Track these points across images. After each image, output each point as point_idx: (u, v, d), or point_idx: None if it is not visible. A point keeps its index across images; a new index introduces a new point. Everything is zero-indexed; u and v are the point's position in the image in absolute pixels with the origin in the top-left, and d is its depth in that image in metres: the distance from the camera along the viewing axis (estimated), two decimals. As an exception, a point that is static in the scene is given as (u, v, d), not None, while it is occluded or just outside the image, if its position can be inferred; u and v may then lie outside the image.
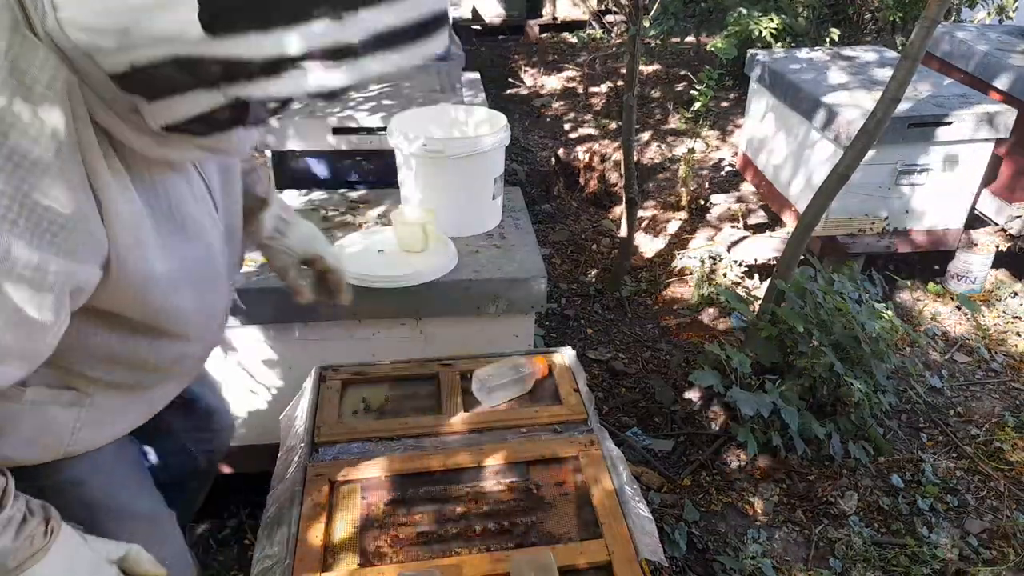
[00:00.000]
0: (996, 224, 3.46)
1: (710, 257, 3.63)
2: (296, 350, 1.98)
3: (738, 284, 3.52)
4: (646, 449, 2.59)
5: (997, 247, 3.38)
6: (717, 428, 2.66)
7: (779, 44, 4.88)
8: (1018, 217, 3.33)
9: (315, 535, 1.23)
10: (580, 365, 1.72)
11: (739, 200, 3.98)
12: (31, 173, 0.73)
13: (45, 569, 0.91)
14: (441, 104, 2.59)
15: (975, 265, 3.37)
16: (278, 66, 0.69)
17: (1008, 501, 2.42)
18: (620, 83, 5.93)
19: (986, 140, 3.10)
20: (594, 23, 7.30)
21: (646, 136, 5.12)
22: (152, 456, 1.48)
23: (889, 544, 2.26)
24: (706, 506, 2.38)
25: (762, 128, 3.80)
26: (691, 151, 4.18)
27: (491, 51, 7.08)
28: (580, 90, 6.00)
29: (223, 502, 2.30)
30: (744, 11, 4.75)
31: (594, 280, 3.62)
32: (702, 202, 4.12)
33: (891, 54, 3.87)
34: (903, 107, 2.92)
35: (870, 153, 2.53)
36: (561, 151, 4.45)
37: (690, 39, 6.74)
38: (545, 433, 1.50)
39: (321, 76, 0.70)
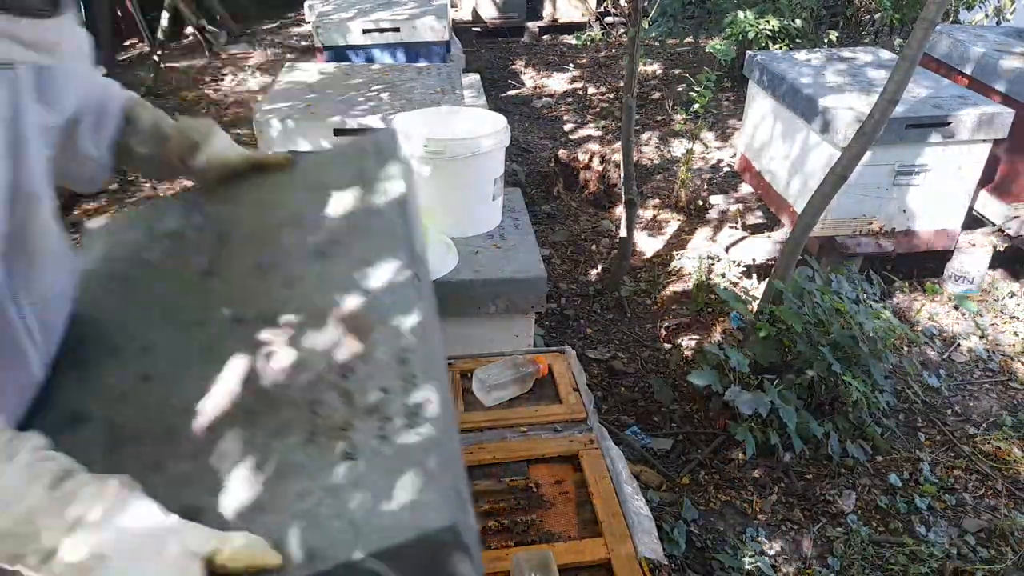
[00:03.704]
0: (993, 224, 3.48)
1: (708, 257, 3.64)
2: (297, 350, 1.99)
3: (736, 284, 3.53)
4: (645, 448, 2.60)
5: (995, 247, 3.39)
6: (716, 427, 2.67)
7: (777, 46, 4.89)
8: (1015, 217, 3.34)
9: (317, 533, 1.24)
10: (580, 365, 1.73)
11: (738, 201, 3.99)
12: None
13: (102, 536, 0.69)
14: (441, 105, 2.61)
15: (972, 265, 3.38)
16: None
17: (1006, 500, 2.43)
18: (619, 84, 5.94)
19: (984, 141, 3.11)
20: (594, 24, 7.31)
21: (645, 137, 5.14)
22: None
23: (887, 543, 2.27)
24: (705, 505, 2.40)
25: (761, 129, 3.81)
26: (690, 152, 4.19)
27: (491, 53, 7.09)
28: (580, 91, 6.01)
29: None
30: (742, 14, 4.77)
31: (594, 280, 3.63)
32: (701, 203, 4.13)
33: (889, 55, 3.88)
34: (901, 108, 2.93)
35: (868, 154, 2.55)
36: (561, 152, 4.47)
37: (689, 40, 6.76)
38: (545, 432, 1.52)
39: None
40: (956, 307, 3.32)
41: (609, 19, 7.32)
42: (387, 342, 0.94)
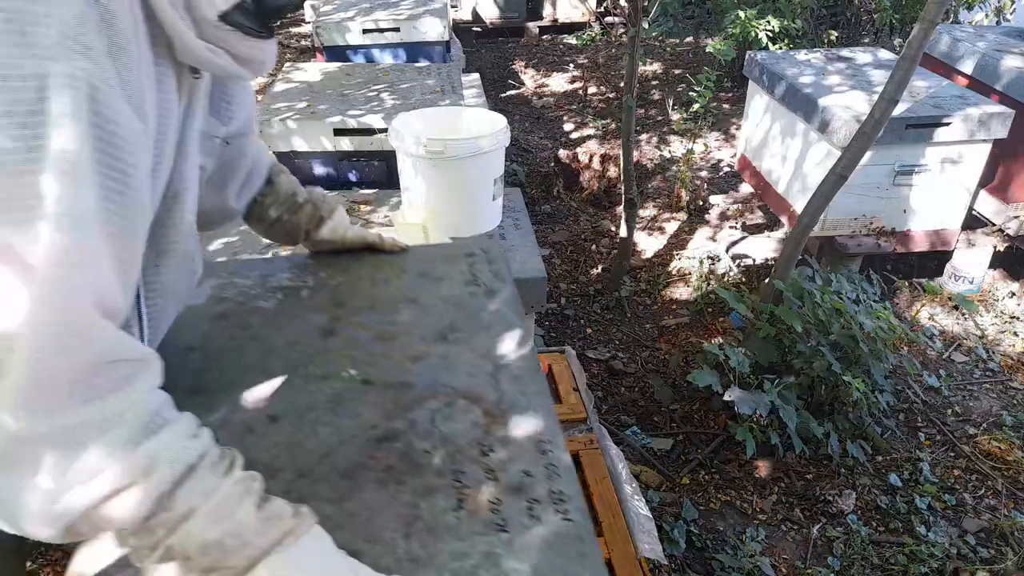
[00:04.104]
0: (994, 224, 3.48)
1: (709, 257, 3.64)
2: (297, 350, 1.99)
3: (737, 285, 3.53)
4: (645, 448, 2.60)
5: (995, 247, 3.39)
6: (716, 427, 2.67)
7: (777, 45, 4.89)
8: (1015, 217, 3.35)
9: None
10: (580, 364, 1.73)
11: (738, 201, 3.99)
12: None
13: (292, 561, 0.74)
14: (441, 105, 2.61)
15: (973, 265, 3.38)
16: None
17: (1006, 500, 2.43)
18: (620, 84, 5.94)
19: (984, 141, 3.11)
20: (594, 24, 7.31)
21: (645, 137, 5.14)
22: None
23: (887, 543, 2.27)
24: (705, 505, 2.40)
25: (761, 129, 3.81)
26: (690, 152, 4.19)
27: (491, 53, 7.09)
28: (580, 91, 6.01)
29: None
30: (742, 14, 4.77)
31: (594, 280, 3.63)
32: (701, 203, 4.14)
33: (889, 55, 3.88)
34: (901, 108, 2.93)
35: (868, 154, 2.55)
36: (561, 152, 4.47)
37: (689, 40, 6.76)
38: (545, 432, 1.51)
39: None
40: (956, 307, 3.32)
41: (609, 19, 7.32)
42: (523, 430, 1.04)
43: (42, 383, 0.64)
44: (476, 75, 4.00)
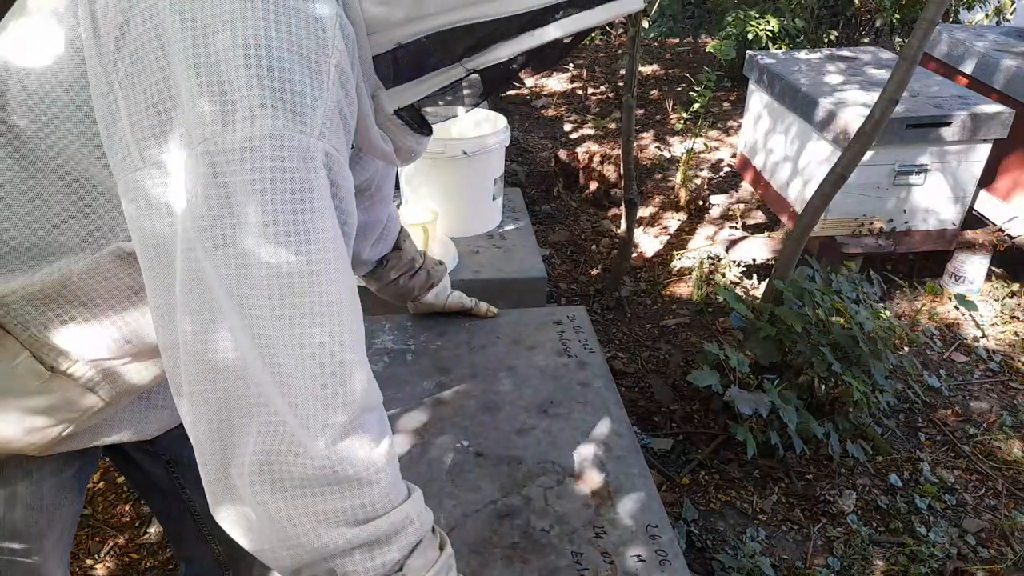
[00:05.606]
0: (994, 224, 3.48)
1: (709, 257, 3.64)
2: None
3: (737, 284, 3.53)
4: (645, 448, 2.60)
5: (995, 247, 3.39)
6: (716, 427, 2.67)
7: (777, 45, 4.89)
8: (1015, 217, 3.34)
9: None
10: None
11: (738, 200, 3.99)
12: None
13: None
14: (441, 105, 2.60)
15: (973, 265, 3.38)
16: (545, 15, 0.73)
17: (1006, 500, 2.43)
18: (619, 84, 5.94)
19: (984, 141, 3.11)
20: (593, 24, 7.30)
21: (645, 137, 5.14)
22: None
23: (887, 543, 2.27)
24: (705, 505, 2.39)
25: (761, 129, 3.81)
26: (690, 152, 4.19)
27: (490, 52, 7.08)
28: (580, 91, 6.01)
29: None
30: (741, 14, 4.76)
31: (594, 280, 3.63)
32: (701, 202, 4.13)
33: (889, 55, 3.88)
34: (901, 108, 2.93)
35: (868, 154, 2.55)
36: (561, 152, 4.46)
37: (689, 40, 6.76)
38: (545, 432, 1.51)
39: (552, 29, 0.74)
40: (956, 307, 3.32)
41: (609, 19, 7.31)
42: (631, 513, 1.09)
43: (338, 417, 0.67)
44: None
